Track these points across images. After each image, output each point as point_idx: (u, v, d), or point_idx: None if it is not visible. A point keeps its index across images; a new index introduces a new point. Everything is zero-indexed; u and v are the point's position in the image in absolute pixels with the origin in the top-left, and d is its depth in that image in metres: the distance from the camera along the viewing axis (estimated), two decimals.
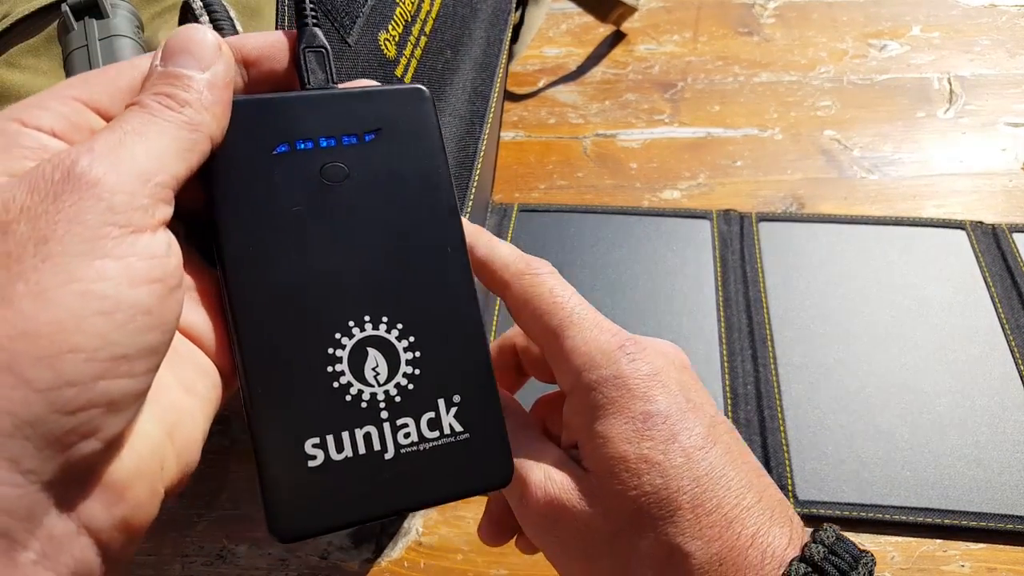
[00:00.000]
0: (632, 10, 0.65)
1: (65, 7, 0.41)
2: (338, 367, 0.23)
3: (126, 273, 0.18)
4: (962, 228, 0.53)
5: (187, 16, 0.43)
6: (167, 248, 0.19)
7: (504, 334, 0.30)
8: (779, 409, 0.45)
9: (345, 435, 0.23)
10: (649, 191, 0.56)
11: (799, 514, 0.39)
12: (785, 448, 0.44)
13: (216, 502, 0.46)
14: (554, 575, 0.41)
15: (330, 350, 0.23)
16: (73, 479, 0.18)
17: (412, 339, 0.24)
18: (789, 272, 0.51)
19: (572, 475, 0.26)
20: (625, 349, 0.25)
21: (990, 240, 0.52)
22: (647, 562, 0.24)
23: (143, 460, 0.19)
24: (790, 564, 0.22)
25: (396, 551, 0.43)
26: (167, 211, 0.19)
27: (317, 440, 0.23)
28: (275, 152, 0.23)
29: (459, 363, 0.24)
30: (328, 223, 0.24)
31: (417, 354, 0.24)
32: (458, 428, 0.24)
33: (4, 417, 0.16)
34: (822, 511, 0.42)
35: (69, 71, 0.40)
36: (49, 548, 0.17)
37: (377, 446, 0.23)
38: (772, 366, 0.47)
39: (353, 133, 0.24)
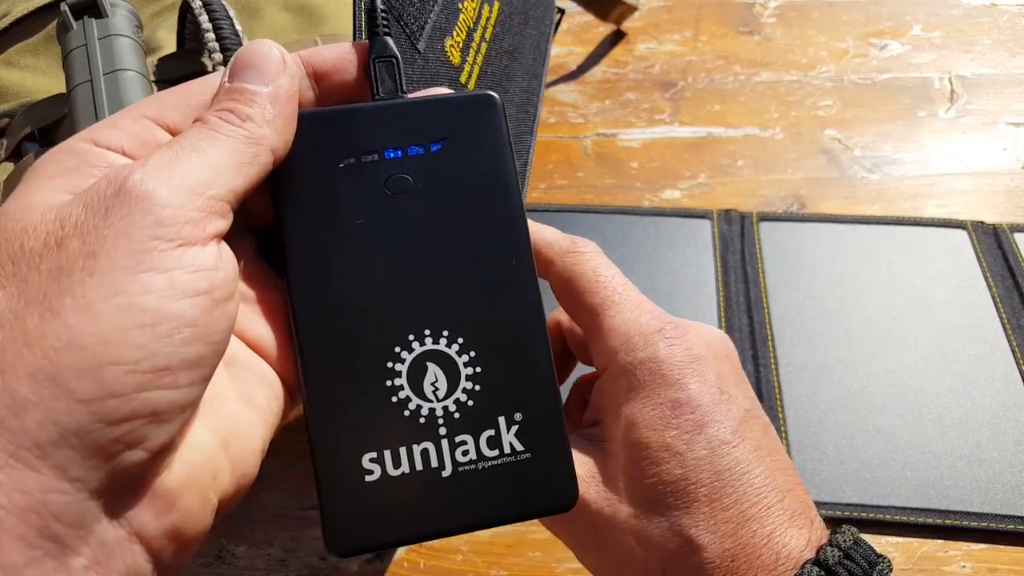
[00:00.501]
0: (632, 9, 0.65)
1: (64, 6, 0.40)
2: (397, 381, 0.23)
3: (170, 286, 0.18)
4: (963, 228, 0.53)
5: (186, 15, 0.43)
6: (216, 260, 0.19)
7: (550, 314, 0.29)
8: (780, 409, 0.45)
9: (402, 451, 0.23)
10: (649, 191, 0.56)
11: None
12: (786, 448, 0.44)
13: None
14: (553, 575, 0.40)
15: (389, 364, 0.23)
16: (122, 488, 0.18)
17: (473, 354, 0.23)
18: (789, 272, 0.51)
19: (590, 455, 0.25)
20: (664, 332, 0.25)
21: (991, 240, 0.52)
22: (657, 551, 0.24)
23: (194, 470, 0.19)
24: (802, 567, 0.22)
25: (396, 552, 0.43)
26: (221, 223, 0.20)
27: (374, 455, 0.22)
28: (340, 164, 0.23)
29: (522, 380, 0.24)
30: (391, 235, 0.23)
31: (478, 369, 0.23)
32: (519, 447, 0.23)
33: (50, 426, 0.16)
34: (823, 511, 0.41)
35: (68, 70, 0.40)
36: (100, 555, 0.18)
37: (435, 463, 0.23)
38: (773, 366, 0.46)
39: (419, 143, 0.24)
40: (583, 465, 0.25)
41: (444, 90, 0.25)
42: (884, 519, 0.41)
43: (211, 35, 0.40)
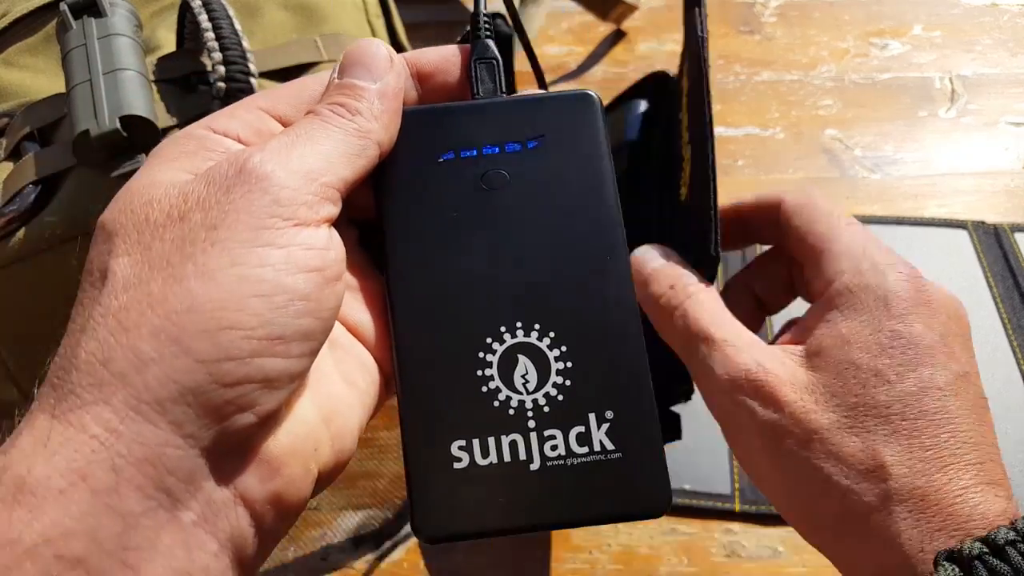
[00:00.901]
0: (633, 8, 0.65)
1: (64, 6, 0.40)
2: (487, 371, 0.23)
3: (286, 260, 0.19)
4: (964, 228, 0.53)
5: (186, 15, 0.43)
6: (328, 241, 0.20)
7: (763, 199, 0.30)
8: None
9: (491, 440, 0.23)
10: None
11: None
12: None
13: None
14: (553, 574, 0.40)
15: (481, 354, 0.23)
16: (230, 449, 0.19)
17: (564, 349, 0.23)
18: None
19: (783, 362, 0.25)
20: (896, 267, 0.25)
21: (992, 240, 0.52)
22: (846, 469, 0.23)
23: (298, 440, 0.20)
24: (997, 528, 0.21)
25: (396, 552, 0.43)
26: (332, 209, 0.21)
27: (463, 443, 0.23)
28: (440, 160, 0.24)
29: (614, 377, 0.23)
30: (486, 229, 0.24)
31: (568, 364, 0.23)
32: (609, 446, 0.23)
33: (169, 384, 0.17)
34: None
35: (67, 70, 0.39)
36: (208, 512, 0.18)
37: (523, 455, 0.23)
38: None
39: (516, 140, 0.24)
40: (776, 368, 0.25)
41: (540, 91, 0.26)
42: None
43: (211, 34, 0.40)
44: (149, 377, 0.17)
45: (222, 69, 0.40)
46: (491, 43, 0.26)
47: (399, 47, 0.52)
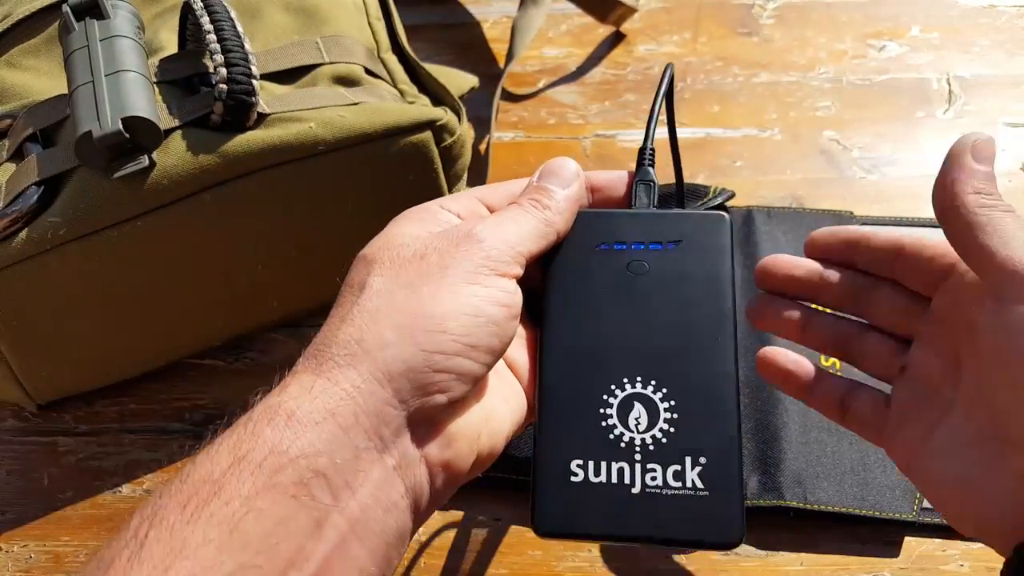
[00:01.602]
0: (632, 11, 0.65)
1: (66, 8, 0.41)
2: (608, 411, 0.29)
3: (488, 296, 0.27)
4: None
5: (188, 16, 0.43)
6: (515, 289, 0.28)
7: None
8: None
9: (603, 464, 0.29)
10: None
11: (792, 507, 0.40)
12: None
13: None
14: (553, 574, 0.41)
15: (605, 396, 0.30)
16: (424, 419, 0.26)
17: (673, 402, 0.29)
18: None
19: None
20: None
21: None
22: None
23: (468, 426, 0.27)
24: None
25: None
26: (519, 270, 0.29)
27: (581, 461, 0.29)
28: (598, 248, 0.32)
29: (710, 432, 0.29)
30: (624, 303, 0.31)
31: (675, 416, 0.29)
32: (699, 485, 0.28)
33: (399, 362, 0.25)
34: (821, 507, 0.42)
35: (70, 71, 0.40)
36: (403, 462, 0.25)
37: (627, 480, 0.28)
38: None
39: (659, 241, 0.31)
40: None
41: (687, 210, 0.35)
42: (881, 517, 0.41)
43: (212, 36, 0.40)
44: (388, 355, 0.25)
45: (224, 71, 0.40)
46: (651, 170, 0.34)
47: (400, 49, 0.52)
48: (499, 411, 0.29)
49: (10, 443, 0.48)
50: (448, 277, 0.27)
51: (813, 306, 0.35)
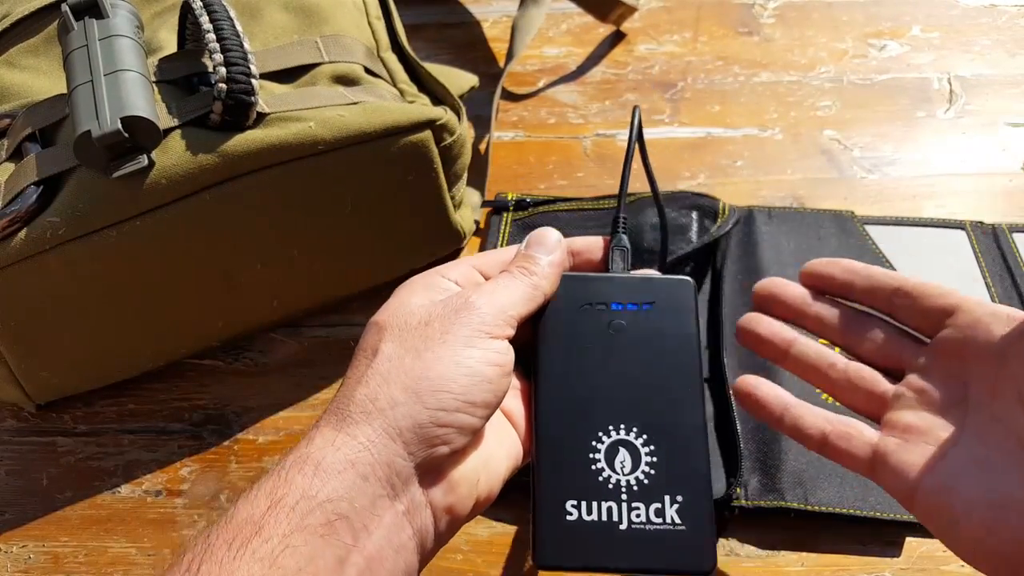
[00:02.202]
0: (632, 10, 0.65)
1: (65, 7, 0.41)
2: (597, 456, 0.33)
3: (483, 357, 0.30)
4: (962, 228, 0.53)
5: (187, 16, 0.43)
6: (507, 350, 0.31)
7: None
8: None
9: (594, 504, 0.32)
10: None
11: (793, 508, 0.40)
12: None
13: (216, 502, 0.46)
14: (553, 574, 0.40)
15: (593, 442, 0.33)
16: (429, 469, 0.29)
17: (652, 447, 0.33)
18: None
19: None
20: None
21: (990, 240, 0.52)
22: None
23: (468, 472, 0.31)
24: None
25: None
26: (511, 331, 0.32)
27: (575, 502, 0.32)
28: (582, 308, 0.36)
29: (684, 473, 0.33)
30: (607, 358, 0.35)
31: (654, 459, 0.33)
32: (677, 520, 0.32)
33: (408, 419, 0.28)
34: (821, 508, 0.42)
35: (69, 71, 0.40)
36: (411, 507, 0.29)
37: (615, 517, 0.32)
38: None
39: (635, 302, 0.36)
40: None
41: (655, 273, 0.38)
42: (881, 518, 0.41)
43: (212, 36, 0.40)
44: (398, 413, 0.28)
45: (223, 70, 0.40)
46: (625, 237, 0.38)
47: (399, 48, 0.52)
48: (496, 456, 0.32)
49: (9, 443, 0.48)
50: (448, 342, 0.30)
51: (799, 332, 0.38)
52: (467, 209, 0.53)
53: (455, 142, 0.47)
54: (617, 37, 0.67)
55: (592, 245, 0.38)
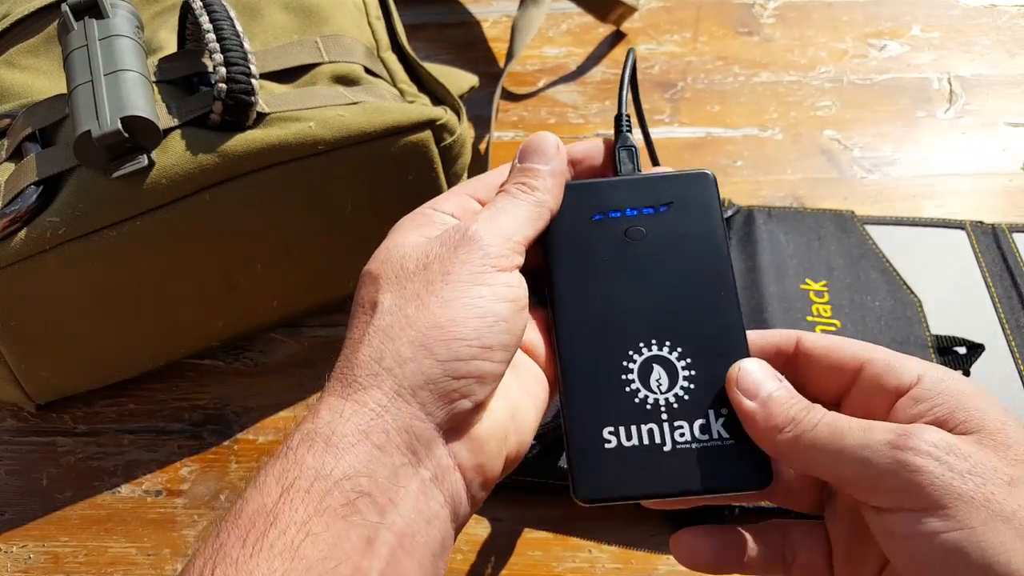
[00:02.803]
0: (632, 10, 0.65)
1: (65, 7, 0.41)
2: (630, 376, 0.30)
3: (493, 294, 0.27)
4: (962, 228, 0.53)
5: (187, 16, 0.43)
6: (519, 282, 0.29)
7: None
8: None
9: (633, 428, 0.29)
10: None
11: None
12: None
13: (216, 502, 0.46)
14: (553, 574, 0.41)
15: (625, 363, 0.30)
16: (453, 428, 0.27)
17: (689, 360, 0.30)
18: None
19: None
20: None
21: (990, 240, 0.52)
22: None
23: (495, 427, 0.28)
24: None
25: None
26: (520, 259, 0.29)
27: (612, 429, 0.30)
28: (593, 219, 0.32)
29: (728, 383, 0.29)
30: (628, 271, 0.31)
31: (693, 372, 0.30)
32: (725, 435, 0.29)
33: (419, 376, 0.26)
34: None
35: (69, 71, 0.40)
36: (438, 471, 0.26)
37: (658, 440, 0.29)
38: None
39: (651, 205, 0.32)
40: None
41: (668, 169, 0.34)
42: None
43: (212, 36, 0.40)
44: (407, 371, 0.26)
45: (223, 70, 0.40)
46: (630, 135, 0.34)
47: (399, 48, 0.52)
48: (523, 405, 0.29)
49: (9, 443, 0.48)
50: (452, 283, 0.27)
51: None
52: None
53: (455, 142, 0.47)
54: (617, 37, 0.67)
55: (592, 150, 0.34)
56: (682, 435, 0.29)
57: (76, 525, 0.45)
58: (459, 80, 0.56)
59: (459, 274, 0.27)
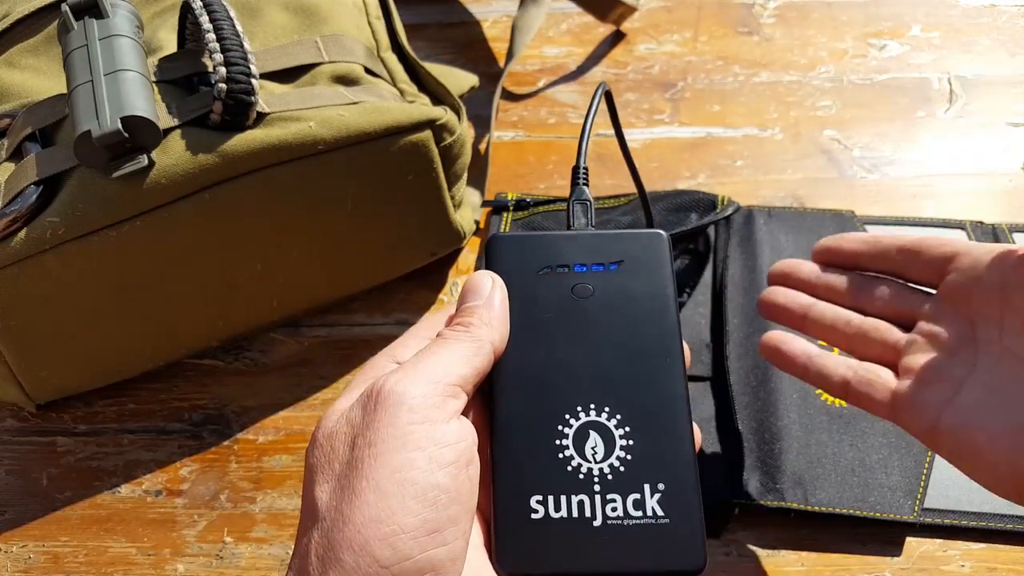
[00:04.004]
0: (632, 10, 0.65)
1: (65, 7, 0.41)
2: (564, 442, 0.28)
3: (428, 460, 0.24)
4: (962, 228, 0.53)
5: (187, 16, 0.43)
6: (458, 435, 0.25)
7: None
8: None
9: (563, 498, 0.27)
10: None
11: (793, 508, 0.40)
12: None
13: (216, 502, 0.46)
14: None
15: (560, 427, 0.28)
16: None
17: (627, 429, 0.28)
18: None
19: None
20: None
21: (990, 240, 0.52)
22: None
23: None
24: None
25: None
26: (457, 403, 0.26)
27: (540, 497, 0.27)
28: (539, 272, 0.31)
29: (666, 456, 0.28)
30: (572, 329, 0.30)
31: (630, 442, 0.28)
32: (659, 512, 0.27)
33: None
34: (820, 508, 0.42)
35: (69, 70, 0.40)
36: None
37: (587, 513, 0.27)
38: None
39: (600, 263, 0.31)
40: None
41: (621, 230, 0.34)
42: (882, 518, 0.41)
43: (212, 35, 0.40)
44: None
45: (223, 70, 0.40)
46: (586, 189, 0.34)
47: (399, 48, 0.52)
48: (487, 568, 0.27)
49: (9, 443, 0.48)
50: (379, 457, 0.24)
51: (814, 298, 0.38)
52: (467, 209, 0.53)
53: (455, 142, 0.47)
54: (617, 37, 0.67)
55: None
56: (614, 510, 0.27)
57: (76, 525, 0.45)
58: (459, 80, 0.56)
59: (384, 444, 0.24)
